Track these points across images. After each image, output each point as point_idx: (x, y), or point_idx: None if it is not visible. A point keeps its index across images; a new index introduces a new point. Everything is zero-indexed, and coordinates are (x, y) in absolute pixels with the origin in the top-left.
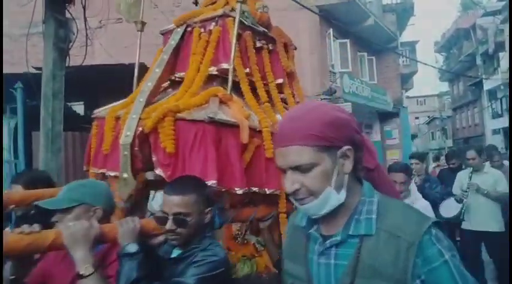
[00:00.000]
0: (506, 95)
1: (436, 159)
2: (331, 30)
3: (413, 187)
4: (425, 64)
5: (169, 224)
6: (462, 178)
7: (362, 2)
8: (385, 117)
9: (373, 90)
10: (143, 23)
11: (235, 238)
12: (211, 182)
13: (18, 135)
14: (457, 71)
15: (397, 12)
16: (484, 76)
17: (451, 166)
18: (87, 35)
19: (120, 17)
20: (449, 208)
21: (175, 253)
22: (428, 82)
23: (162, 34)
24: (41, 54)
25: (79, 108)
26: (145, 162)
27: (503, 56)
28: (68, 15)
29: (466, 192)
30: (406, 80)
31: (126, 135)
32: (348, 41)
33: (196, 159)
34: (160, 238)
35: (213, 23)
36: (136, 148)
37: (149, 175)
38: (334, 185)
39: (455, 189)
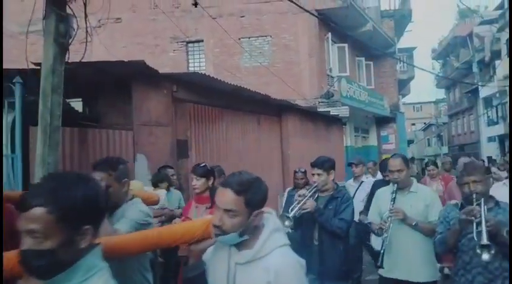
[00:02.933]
0: (502, 103)
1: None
2: (329, 34)
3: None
4: (423, 69)
5: None
6: (381, 199)
7: (360, 7)
8: (382, 121)
9: (370, 94)
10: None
11: None
12: None
13: (15, 130)
14: (454, 78)
15: (395, 18)
16: (480, 84)
17: (386, 178)
18: (87, 30)
19: (120, 16)
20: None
21: None
22: (425, 89)
23: None
24: (39, 52)
25: (77, 104)
26: None
27: (500, 64)
28: (68, 11)
29: (386, 222)
30: (403, 86)
31: None
32: (346, 45)
33: None
34: None
35: None
36: None
37: None
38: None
39: (373, 215)
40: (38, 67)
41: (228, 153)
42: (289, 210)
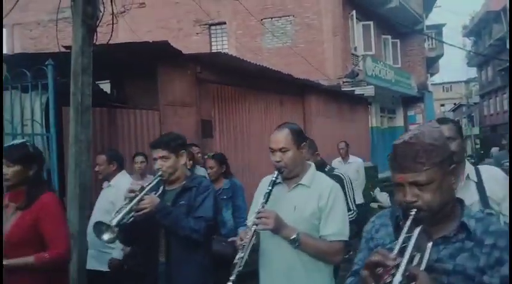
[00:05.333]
0: None
1: None
2: (354, 12)
3: None
4: (453, 45)
5: None
6: (261, 193)
7: None
8: (409, 101)
9: (396, 73)
10: None
11: None
12: None
13: (49, 110)
14: (487, 55)
15: None
16: None
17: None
18: (113, 11)
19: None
20: None
21: None
22: (455, 68)
23: None
24: (67, 39)
25: (105, 86)
26: None
27: None
28: None
29: (247, 233)
30: (431, 64)
31: None
32: (371, 23)
33: None
34: None
35: None
36: None
37: None
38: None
39: (250, 214)
40: (68, 50)
41: (250, 133)
42: (114, 214)
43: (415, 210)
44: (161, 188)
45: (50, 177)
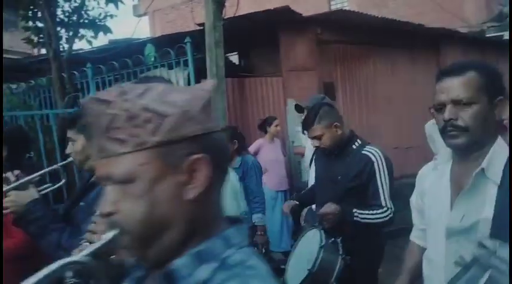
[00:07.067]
0: None
1: None
2: None
3: None
4: None
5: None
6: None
7: None
8: None
9: None
10: None
11: None
12: None
13: (190, 83)
14: None
15: None
16: None
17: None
18: None
19: None
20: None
21: None
22: None
23: None
24: (197, 19)
25: (234, 58)
26: None
27: None
28: None
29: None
30: None
31: None
32: None
33: None
34: None
35: None
36: None
37: None
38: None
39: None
40: (202, 27)
41: (376, 95)
42: None
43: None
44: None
45: None
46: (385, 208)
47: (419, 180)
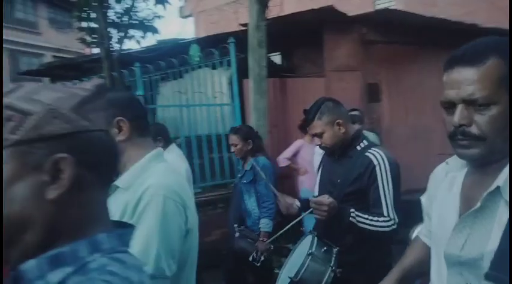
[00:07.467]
0: None
1: None
2: None
3: None
4: None
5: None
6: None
7: None
8: None
9: None
10: None
11: None
12: None
13: (233, 83)
14: None
15: None
16: None
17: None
18: None
19: None
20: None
21: None
22: None
23: None
24: (240, 20)
25: (276, 58)
26: None
27: None
28: None
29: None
30: None
31: None
32: None
33: None
34: None
35: None
36: None
37: None
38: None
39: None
40: (245, 27)
41: (424, 96)
42: None
43: None
44: None
45: None
46: (387, 218)
47: (432, 181)
